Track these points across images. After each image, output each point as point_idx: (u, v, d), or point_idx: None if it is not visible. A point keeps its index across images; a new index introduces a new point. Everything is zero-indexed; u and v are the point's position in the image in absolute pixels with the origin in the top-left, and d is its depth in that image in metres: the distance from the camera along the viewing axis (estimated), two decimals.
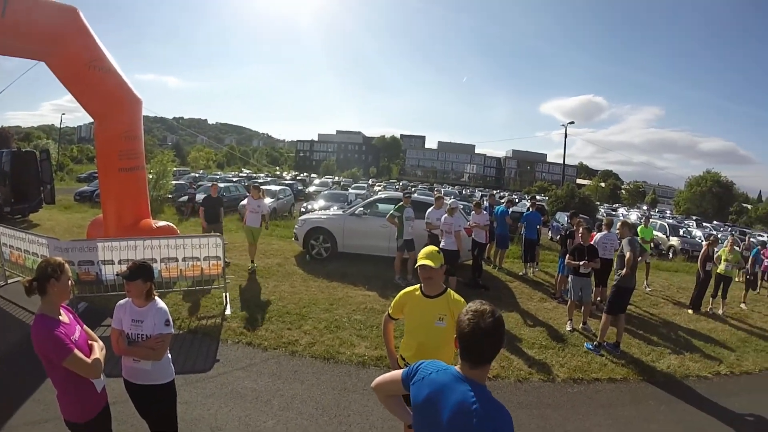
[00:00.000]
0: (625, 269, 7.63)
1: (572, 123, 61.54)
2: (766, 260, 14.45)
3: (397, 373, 2.19)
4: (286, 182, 39.13)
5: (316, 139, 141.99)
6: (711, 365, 7.62)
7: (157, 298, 3.49)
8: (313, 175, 77.66)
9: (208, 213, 11.18)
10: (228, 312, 7.71)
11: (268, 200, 20.73)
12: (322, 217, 12.56)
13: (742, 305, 12.34)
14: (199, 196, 21.45)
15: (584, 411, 5.73)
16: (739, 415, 6.02)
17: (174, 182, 24.89)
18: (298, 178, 58.03)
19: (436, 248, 3.58)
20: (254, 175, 57.03)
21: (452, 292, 3.45)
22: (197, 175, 45.08)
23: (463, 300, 3.27)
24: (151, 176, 20.58)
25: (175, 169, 27.78)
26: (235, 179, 40.27)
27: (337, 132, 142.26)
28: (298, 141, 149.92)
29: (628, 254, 7.65)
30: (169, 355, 3.55)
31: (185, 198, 21.21)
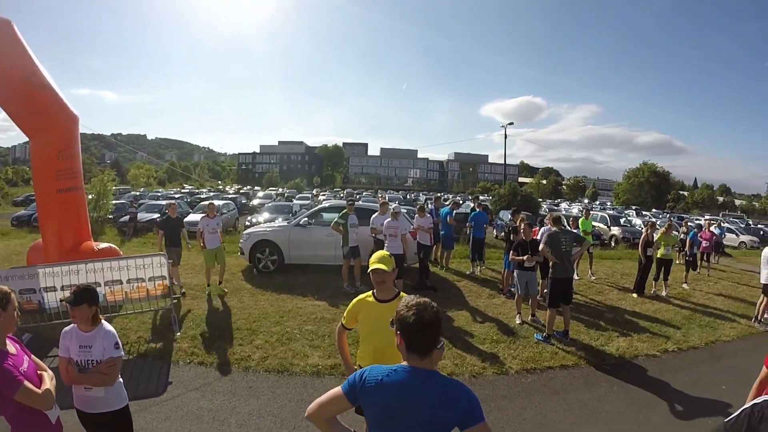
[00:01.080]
0: (551, 261, 7.99)
1: (511, 124, 63.88)
2: (703, 242, 15.48)
3: (336, 391, 2.13)
4: (230, 196, 38.71)
5: (258, 151, 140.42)
6: (658, 344, 8.06)
7: (103, 321, 3.34)
8: (256, 187, 77.20)
9: (169, 237, 10.20)
10: (177, 332, 7.52)
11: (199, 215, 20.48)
12: (267, 229, 12.48)
13: (684, 285, 13.18)
14: (143, 216, 20.99)
15: (539, 399, 5.88)
16: (689, 387, 6.37)
17: (114, 202, 24.11)
18: (241, 191, 57.59)
19: (388, 252, 3.61)
20: (197, 190, 55.74)
21: (405, 295, 3.46)
22: (138, 193, 44.00)
23: None
24: (90, 196, 20.08)
25: (115, 188, 26.81)
26: (177, 196, 39.38)
27: (280, 143, 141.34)
28: (240, 153, 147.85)
29: (541, 246, 8.11)
30: (121, 380, 3.41)
31: (126, 218, 20.56)
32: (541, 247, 8.13)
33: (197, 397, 5.57)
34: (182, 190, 56.02)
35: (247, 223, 19.94)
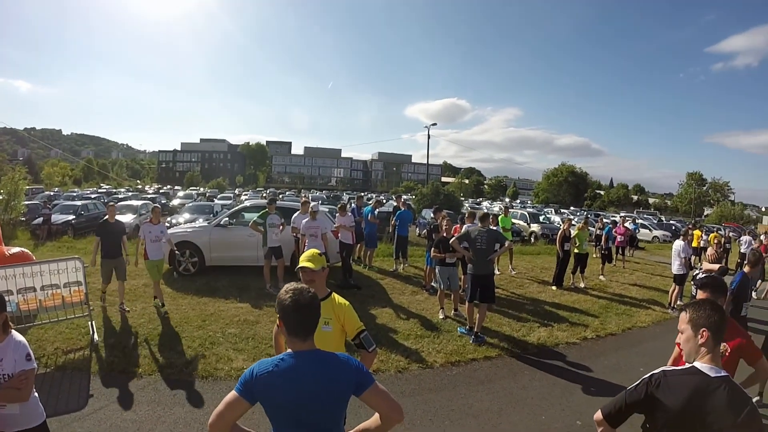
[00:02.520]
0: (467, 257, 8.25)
1: (435, 124, 65.67)
2: (618, 237, 16.81)
3: (231, 396, 2.16)
4: (149, 196, 37.29)
5: (179, 148, 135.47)
6: (578, 332, 8.57)
7: (13, 331, 3.09)
8: (177, 187, 74.50)
9: (107, 245, 8.89)
10: (96, 341, 7.10)
11: (129, 217, 19.11)
12: (188, 230, 12.06)
13: (601, 277, 14.13)
14: (58, 218, 19.65)
15: (465, 390, 6.06)
16: (608, 371, 6.84)
17: (27, 203, 22.36)
18: (161, 191, 55.45)
19: (318, 251, 3.59)
20: (114, 190, 53.24)
21: (336, 295, 3.44)
22: (52, 193, 41.67)
23: (347, 303, 3.33)
24: (0, 197, 19.56)
25: (27, 187, 24.99)
26: (93, 196, 37.20)
27: (202, 140, 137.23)
28: (160, 151, 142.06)
29: (452, 240, 8.33)
30: (37, 395, 3.18)
31: (40, 220, 19.18)
32: (452, 240, 8.31)
33: (120, 408, 5.32)
34: (99, 190, 53.33)
35: (167, 225, 19.26)
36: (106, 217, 9.27)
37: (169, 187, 73.54)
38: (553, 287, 12.21)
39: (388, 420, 2.22)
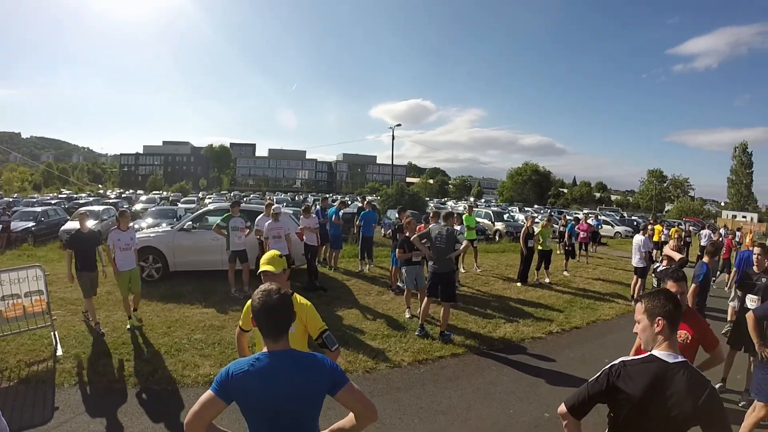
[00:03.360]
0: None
1: (399, 125, 66.05)
2: (581, 233, 17.40)
3: (207, 395, 2.17)
4: (111, 201, 36.30)
5: (141, 151, 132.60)
6: (543, 326, 8.77)
7: None
8: (139, 191, 73.22)
9: (82, 258, 8.11)
10: (60, 352, 6.86)
11: (91, 223, 18.75)
12: (150, 235, 11.72)
13: (565, 273, 14.51)
14: (18, 225, 19.04)
15: (433, 388, 6.12)
16: (574, 364, 7.05)
17: None
18: (123, 195, 54.78)
19: (278, 253, 3.59)
20: (75, 195, 52.27)
21: (298, 296, 3.45)
22: (11, 199, 40.45)
23: (309, 303, 3.36)
24: None
25: None
26: (54, 201, 36.43)
27: (164, 143, 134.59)
28: (121, 155, 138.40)
29: (413, 237, 8.47)
30: None
31: None
32: (413, 237, 8.43)
33: (87, 420, 5.18)
34: (59, 196, 52.04)
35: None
36: (78, 227, 8.46)
37: (131, 191, 72.55)
38: (518, 284, 12.42)
39: (362, 419, 2.28)
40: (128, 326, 7.90)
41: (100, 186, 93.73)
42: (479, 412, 5.52)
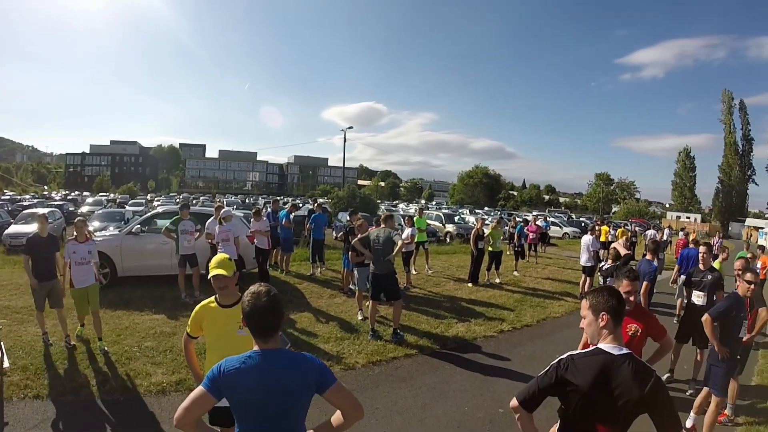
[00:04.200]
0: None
1: (351, 128, 66.26)
2: (530, 234, 17.98)
3: (198, 390, 2.23)
4: (56, 203, 34.78)
5: (87, 151, 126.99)
6: (495, 325, 8.99)
7: None
8: (85, 193, 70.82)
9: (39, 265, 7.40)
10: (6, 364, 6.52)
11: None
12: (97, 239, 11.34)
13: (515, 273, 14.92)
14: None
15: (388, 388, 6.16)
16: (525, 360, 7.27)
17: None
18: (68, 197, 52.04)
19: (227, 256, 3.59)
20: (19, 197, 49.68)
21: None
22: None
23: None
24: None
25: None
26: None
27: (112, 142, 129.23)
28: (67, 154, 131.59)
29: (354, 240, 8.58)
30: None
31: None
32: (354, 241, 8.55)
33: None
34: (2, 197, 49.33)
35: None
36: (36, 231, 7.80)
37: (77, 193, 69.63)
38: (469, 284, 12.64)
39: (349, 417, 2.35)
40: (72, 343, 7.19)
41: (45, 187, 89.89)
42: (434, 410, 5.59)
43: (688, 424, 5.31)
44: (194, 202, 36.90)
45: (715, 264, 8.31)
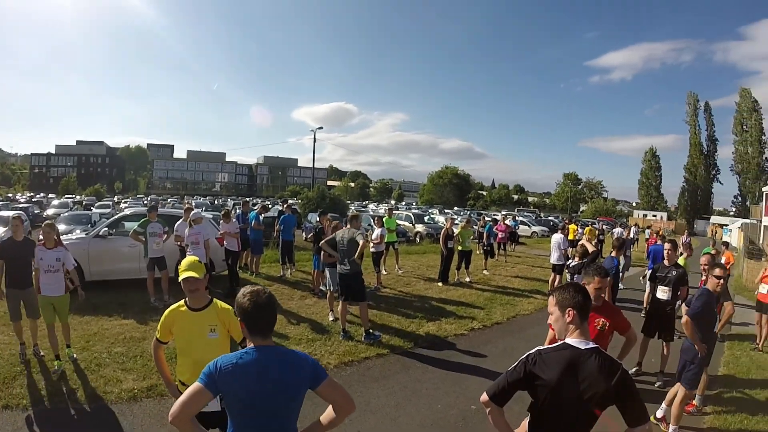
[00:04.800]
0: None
1: (321, 128, 66.31)
2: (499, 233, 18.33)
3: (195, 386, 2.25)
4: (21, 206, 33.61)
5: (53, 151, 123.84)
6: (465, 323, 9.11)
7: None
8: (51, 195, 68.81)
9: (13, 272, 6.93)
10: None
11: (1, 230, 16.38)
12: (64, 243, 11.09)
13: (485, 271, 15.13)
14: None
15: (361, 388, 6.17)
16: (496, 357, 7.41)
17: None
18: (34, 200, 50.74)
19: (196, 258, 3.59)
20: None
21: (218, 301, 3.47)
22: None
23: (230, 307, 3.31)
24: None
25: None
26: None
27: (78, 142, 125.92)
28: (32, 154, 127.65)
29: (321, 243, 8.67)
30: None
31: None
32: (321, 243, 8.64)
33: None
34: None
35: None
36: (10, 234, 7.31)
37: (42, 194, 67.59)
38: (439, 283, 12.75)
39: (341, 411, 2.48)
40: (56, 367, 6.44)
41: (9, 189, 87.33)
42: (407, 409, 5.63)
43: (659, 414, 5.45)
44: (162, 203, 36.20)
45: (680, 260, 8.59)
